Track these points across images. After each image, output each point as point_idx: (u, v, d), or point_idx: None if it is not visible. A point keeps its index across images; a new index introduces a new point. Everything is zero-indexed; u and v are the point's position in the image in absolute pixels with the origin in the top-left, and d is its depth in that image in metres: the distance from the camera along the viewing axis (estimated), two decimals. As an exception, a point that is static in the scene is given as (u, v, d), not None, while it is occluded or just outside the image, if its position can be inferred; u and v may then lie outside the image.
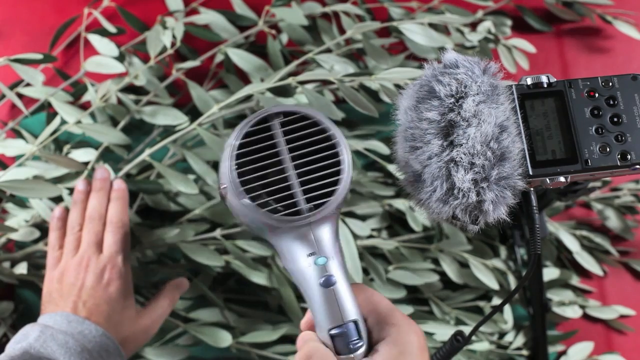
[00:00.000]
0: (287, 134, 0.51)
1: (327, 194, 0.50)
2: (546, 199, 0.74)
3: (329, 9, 0.89)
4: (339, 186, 0.50)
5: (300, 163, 0.51)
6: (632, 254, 0.89)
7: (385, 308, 0.51)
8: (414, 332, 0.50)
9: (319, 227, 0.50)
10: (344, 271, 0.51)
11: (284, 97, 0.77)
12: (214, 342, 0.77)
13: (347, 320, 0.49)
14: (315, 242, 0.50)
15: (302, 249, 0.50)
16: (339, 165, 0.51)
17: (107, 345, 0.67)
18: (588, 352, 0.84)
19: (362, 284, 0.53)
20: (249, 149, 0.51)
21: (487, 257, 0.83)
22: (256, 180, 0.50)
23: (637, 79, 0.55)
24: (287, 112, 0.52)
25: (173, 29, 0.85)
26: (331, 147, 0.51)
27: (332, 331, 0.49)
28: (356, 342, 0.49)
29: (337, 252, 0.51)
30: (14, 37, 0.94)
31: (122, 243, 0.72)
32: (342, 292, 0.50)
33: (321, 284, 0.50)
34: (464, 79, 0.51)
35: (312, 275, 0.50)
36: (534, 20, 0.96)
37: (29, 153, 0.77)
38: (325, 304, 0.50)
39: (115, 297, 0.70)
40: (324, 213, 0.50)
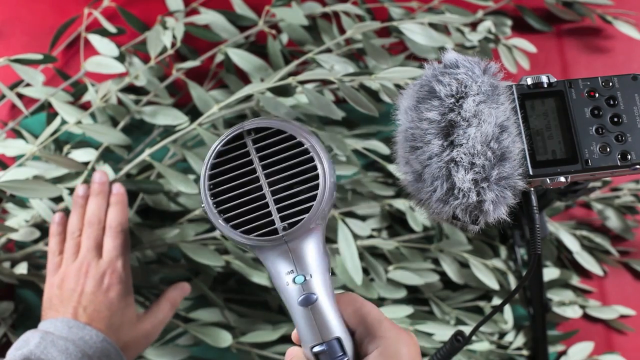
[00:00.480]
0: (260, 151, 0.50)
1: (302, 211, 0.48)
2: (546, 199, 0.74)
3: (329, 9, 0.89)
4: (315, 202, 0.48)
5: (274, 180, 0.49)
6: (632, 254, 0.89)
7: (374, 319, 0.50)
8: (404, 344, 0.49)
9: (299, 243, 0.49)
10: (327, 286, 0.49)
11: (284, 97, 0.77)
12: (214, 342, 0.77)
13: (329, 338, 0.48)
14: (294, 260, 0.49)
15: (283, 266, 0.49)
16: (315, 180, 0.49)
17: (108, 350, 0.67)
18: (588, 352, 0.84)
19: (352, 294, 0.52)
20: (223, 168, 0.50)
21: (487, 257, 0.83)
22: (231, 200, 0.49)
23: (637, 79, 0.55)
24: (259, 128, 0.50)
25: (173, 29, 0.85)
26: (307, 161, 0.49)
27: (314, 348, 0.49)
28: (340, 358, 0.48)
29: (321, 267, 0.50)
30: (14, 37, 0.94)
31: (121, 247, 0.72)
32: (323, 309, 0.49)
33: (299, 302, 0.49)
34: (464, 79, 0.51)
35: (291, 294, 0.49)
36: (534, 20, 0.96)
37: (29, 153, 0.77)
38: (305, 323, 0.49)
39: (116, 302, 0.70)
40: (300, 231, 0.48)
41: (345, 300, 0.51)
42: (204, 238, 0.79)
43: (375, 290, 0.80)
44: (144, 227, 0.81)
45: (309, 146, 0.49)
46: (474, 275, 0.81)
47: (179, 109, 0.83)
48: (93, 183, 0.75)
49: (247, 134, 0.50)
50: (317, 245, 0.50)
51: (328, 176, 0.49)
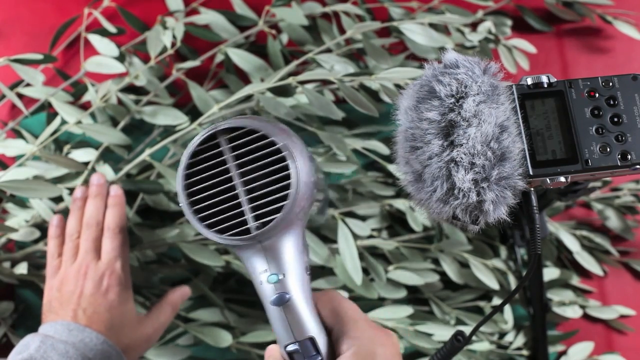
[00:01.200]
0: (234, 150, 0.50)
1: (275, 211, 0.49)
2: (546, 199, 0.74)
3: (329, 9, 0.89)
4: (287, 202, 0.49)
5: (249, 179, 0.50)
6: (632, 254, 0.89)
7: (351, 319, 0.50)
8: (380, 344, 0.49)
9: (275, 242, 0.49)
10: (302, 285, 0.49)
11: (284, 97, 0.77)
12: (214, 342, 0.77)
13: (302, 338, 0.49)
14: (268, 259, 0.49)
15: (257, 265, 0.50)
16: (288, 179, 0.49)
17: (108, 353, 0.66)
18: (588, 352, 0.84)
19: (332, 292, 0.52)
20: (198, 168, 0.50)
21: (487, 257, 0.83)
22: (205, 199, 0.49)
23: (637, 79, 0.55)
24: (233, 128, 0.50)
25: (173, 29, 0.85)
26: (280, 161, 0.50)
27: (287, 347, 0.49)
28: (314, 357, 0.49)
29: (296, 266, 0.50)
30: (14, 37, 0.94)
31: (120, 249, 0.72)
32: (297, 308, 0.49)
33: (272, 301, 0.49)
34: (465, 79, 0.51)
35: (265, 292, 0.49)
36: (534, 20, 0.96)
37: (29, 153, 0.77)
38: (278, 322, 0.49)
39: (115, 304, 0.69)
40: (273, 231, 0.48)
41: (324, 298, 0.51)
42: (204, 238, 0.79)
43: (375, 290, 0.80)
44: (144, 227, 0.81)
45: (282, 145, 0.50)
46: (474, 275, 0.81)
47: (179, 109, 0.83)
48: (91, 185, 0.75)
49: (221, 134, 0.50)
50: (293, 244, 0.50)
51: (302, 175, 0.49)
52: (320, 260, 0.78)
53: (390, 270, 0.81)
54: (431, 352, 0.78)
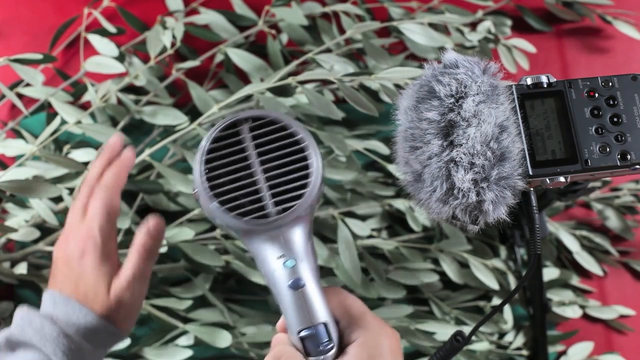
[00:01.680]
0: (255, 139, 0.52)
1: (295, 197, 0.50)
2: (546, 199, 0.74)
3: (329, 9, 0.89)
4: (307, 189, 0.50)
5: (269, 167, 0.51)
6: (632, 254, 0.89)
7: (357, 311, 0.51)
8: (385, 335, 0.50)
9: (289, 229, 0.51)
10: (314, 273, 0.51)
11: (284, 97, 0.77)
12: (214, 342, 0.77)
13: (317, 322, 0.49)
14: (284, 245, 0.51)
15: (272, 251, 0.51)
16: (308, 168, 0.51)
17: (93, 326, 0.62)
18: (588, 352, 0.84)
19: (336, 286, 0.53)
20: (218, 154, 0.51)
21: (487, 257, 0.83)
22: (225, 184, 0.51)
23: (637, 79, 0.55)
24: (255, 117, 0.52)
25: (173, 29, 0.85)
26: (300, 151, 0.52)
27: (301, 333, 0.49)
28: (326, 343, 0.49)
29: (308, 254, 0.51)
30: (14, 37, 0.94)
31: (102, 209, 0.64)
32: (311, 294, 0.50)
33: (289, 285, 0.50)
34: (464, 79, 0.51)
35: (281, 277, 0.50)
36: (534, 20, 0.96)
37: (29, 153, 0.77)
38: (294, 306, 0.50)
39: (89, 270, 0.62)
40: (292, 216, 0.50)
41: (330, 292, 0.52)
42: (204, 238, 0.79)
43: (375, 290, 0.80)
44: (144, 227, 0.81)
45: (303, 136, 0.52)
46: (474, 275, 0.81)
47: (179, 109, 0.83)
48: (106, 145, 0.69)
49: (244, 122, 0.52)
50: (305, 234, 0.51)
51: (320, 166, 0.51)
52: (321, 261, 0.79)
53: (390, 270, 0.81)
54: (431, 352, 0.78)
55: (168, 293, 0.81)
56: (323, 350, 0.49)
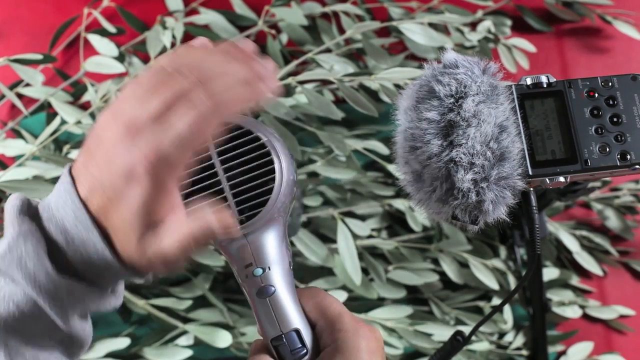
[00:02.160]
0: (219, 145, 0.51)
1: (260, 204, 0.50)
2: (546, 199, 0.74)
3: (329, 8, 0.89)
4: (272, 195, 0.50)
5: (233, 174, 0.50)
6: (632, 254, 0.89)
7: (334, 313, 0.50)
8: (363, 337, 0.49)
9: (259, 236, 0.50)
10: (286, 278, 0.50)
11: (283, 97, 0.77)
12: (214, 342, 0.77)
13: (288, 330, 0.49)
14: (252, 253, 0.50)
15: (242, 259, 0.50)
16: (272, 174, 0.50)
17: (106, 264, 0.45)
18: (588, 352, 0.84)
19: (315, 287, 0.52)
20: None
21: (487, 257, 0.83)
22: (190, 195, 0.50)
23: (636, 79, 0.55)
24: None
25: (173, 29, 0.85)
26: (264, 155, 0.51)
27: (273, 340, 0.49)
28: (299, 350, 0.49)
29: (281, 259, 0.50)
30: (14, 37, 0.94)
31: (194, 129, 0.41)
32: (282, 301, 0.49)
33: (257, 294, 0.50)
34: (464, 79, 0.51)
35: (250, 286, 0.50)
36: (533, 20, 0.96)
37: (29, 153, 0.77)
38: (264, 314, 0.49)
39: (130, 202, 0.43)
40: (257, 224, 0.49)
41: (307, 293, 0.51)
42: (203, 238, 0.79)
43: (374, 290, 0.80)
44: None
45: (266, 141, 0.51)
46: (474, 275, 0.81)
47: (179, 109, 0.83)
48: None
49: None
50: (277, 238, 0.51)
51: (285, 172, 0.50)
52: (320, 260, 0.79)
53: (390, 270, 0.81)
54: (431, 352, 0.78)
55: (168, 293, 0.81)
56: (296, 356, 0.49)
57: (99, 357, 0.78)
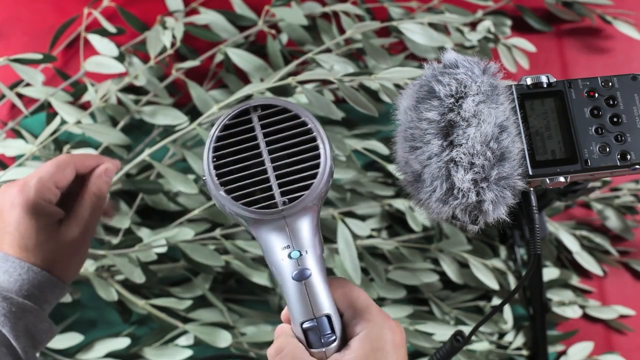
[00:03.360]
0: (265, 127, 0.51)
1: (303, 188, 0.50)
2: (546, 199, 0.74)
3: (329, 8, 0.89)
4: (315, 180, 0.50)
5: (277, 157, 0.51)
6: (632, 254, 0.89)
7: (362, 304, 0.51)
8: (389, 329, 0.50)
9: (296, 220, 0.50)
10: (320, 265, 0.51)
11: (284, 96, 0.77)
12: (214, 342, 0.77)
13: (320, 314, 0.50)
14: (290, 235, 0.50)
15: (278, 242, 0.51)
16: (317, 159, 0.51)
17: (35, 280, 0.60)
18: (588, 352, 0.84)
19: (342, 278, 0.53)
20: (227, 142, 0.51)
21: (487, 257, 0.83)
22: (233, 172, 0.50)
23: (636, 79, 0.55)
24: (265, 105, 0.51)
25: (173, 29, 0.85)
26: (309, 141, 0.51)
27: (304, 324, 0.50)
28: (329, 336, 0.50)
29: (315, 245, 0.51)
30: (14, 37, 0.94)
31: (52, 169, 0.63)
32: (316, 285, 0.50)
33: (294, 277, 0.50)
34: (464, 79, 0.51)
35: (286, 268, 0.50)
36: (533, 20, 0.96)
37: (29, 153, 0.77)
38: (298, 297, 0.50)
39: (23, 221, 0.61)
40: (299, 206, 0.50)
41: (336, 283, 0.52)
42: (203, 238, 0.79)
43: (375, 290, 0.80)
44: (144, 227, 0.81)
45: (313, 126, 0.51)
46: (474, 275, 0.81)
47: (179, 108, 0.83)
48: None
49: (254, 110, 0.52)
50: (312, 225, 0.51)
51: (329, 157, 0.51)
52: (320, 260, 0.79)
53: (390, 270, 0.81)
54: (431, 352, 0.78)
55: (168, 293, 0.81)
56: (325, 342, 0.49)
57: (99, 357, 0.78)
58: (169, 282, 0.83)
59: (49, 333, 0.63)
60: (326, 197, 0.53)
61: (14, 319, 0.58)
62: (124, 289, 0.79)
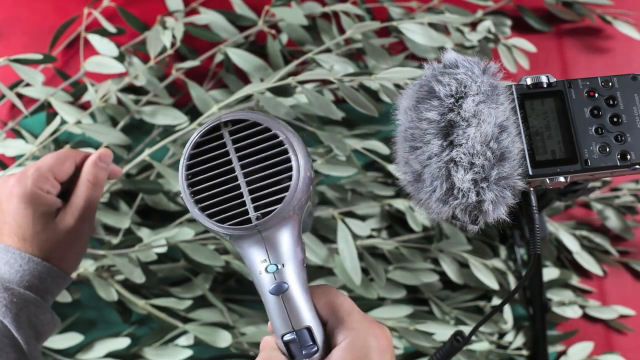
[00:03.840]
0: (236, 142, 0.51)
1: (276, 202, 0.50)
2: (546, 199, 0.75)
3: (329, 8, 0.89)
4: (288, 193, 0.50)
5: (250, 171, 0.51)
6: (632, 254, 0.89)
7: (345, 311, 0.50)
8: (374, 336, 0.49)
9: (273, 233, 0.50)
10: (299, 276, 0.50)
11: (283, 97, 0.77)
12: (214, 342, 0.77)
13: (299, 327, 0.50)
14: (267, 249, 0.50)
15: (257, 255, 0.51)
16: (289, 171, 0.50)
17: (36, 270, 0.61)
18: (588, 352, 0.84)
19: (327, 285, 0.53)
20: (200, 159, 0.51)
21: (487, 257, 0.83)
22: (207, 189, 0.50)
23: (636, 79, 0.55)
24: (236, 120, 0.51)
25: (173, 29, 0.85)
26: (282, 153, 0.51)
27: (285, 337, 0.50)
28: (310, 347, 0.50)
29: (295, 256, 0.51)
30: (14, 37, 0.94)
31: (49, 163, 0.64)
32: (295, 298, 0.50)
33: (271, 291, 0.50)
34: (464, 79, 0.51)
35: (263, 282, 0.50)
36: (533, 20, 0.96)
37: (29, 153, 0.77)
38: (276, 311, 0.50)
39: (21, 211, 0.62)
40: (273, 221, 0.50)
41: (319, 291, 0.52)
42: (203, 238, 0.79)
43: (374, 290, 0.80)
44: (144, 227, 0.81)
45: (284, 139, 0.51)
46: (474, 275, 0.81)
47: (179, 108, 0.83)
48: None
49: (225, 126, 0.51)
50: (291, 236, 0.51)
51: (302, 169, 0.50)
52: (320, 260, 0.79)
53: (390, 270, 0.81)
54: (431, 352, 0.78)
55: (168, 293, 0.81)
56: (307, 354, 0.50)
57: (99, 357, 0.79)
58: (169, 282, 0.83)
59: (52, 324, 0.63)
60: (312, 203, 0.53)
61: (16, 309, 0.58)
62: (124, 289, 0.79)
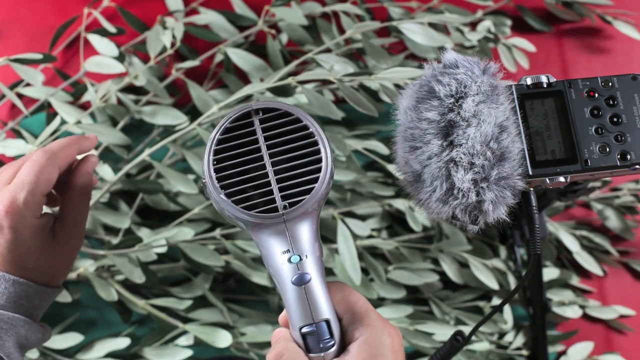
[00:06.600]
0: (266, 131, 0.51)
1: (304, 192, 0.50)
2: (546, 199, 0.75)
3: (329, 8, 0.89)
4: (316, 184, 0.50)
5: (278, 160, 0.51)
6: (632, 254, 0.89)
7: (361, 308, 0.51)
8: (388, 334, 0.50)
9: (296, 224, 0.50)
10: (320, 269, 0.51)
11: (283, 97, 0.77)
12: (214, 342, 0.77)
13: (319, 319, 0.50)
14: (290, 240, 0.50)
15: (278, 246, 0.50)
16: (318, 163, 0.50)
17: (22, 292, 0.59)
18: (588, 352, 0.84)
19: (341, 282, 0.53)
20: (228, 145, 0.51)
21: (487, 257, 0.83)
22: (234, 176, 0.50)
23: (636, 79, 0.55)
24: (267, 109, 0.51)
25: (173, 29, 0.85)
26: (311, 145, 0.51)
27: (303, 329, 0.50)
28: (327, 341, 0.49)
29: (315, 250, 0.51)
30: (14, 37, 0.94)
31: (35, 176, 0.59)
32: (315, 290, 0.50)
33: (293, 281, 0.50)
34: (464, 79, 0.51)
35: (285, 273, 0.50)
36: (533, 20, 0.96)
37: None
38: (297, 302, 0.50)
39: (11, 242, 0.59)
40: (299, 211, 0.50)
41: (335, 287, 0.52)
42: (203, 238, 0.79)
43: (375, 290, 0.80)
44: (144, 227, 0.81)
45: (314, 130, 0.51)
46: (474, 275, 0.81)
47: (179, 108, 0.83)
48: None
49: (255, 113, 0.51)
50: (312, 229, 0.51)
51: (330, 161, 0.51)
52: (320, 260, 0.79)
53: (390, 270, 0.81)
54: (431, 352, 0.78)
55: (168, 293, 0.81)
56: (324, 347, 0.49)
57: (99, 357, 0.78)
58: (169, 282, 0.83)
59: (42, 340, 0.62)
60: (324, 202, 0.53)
61: (4, 335, 0.57)
62: (124, 289, 0.79)
